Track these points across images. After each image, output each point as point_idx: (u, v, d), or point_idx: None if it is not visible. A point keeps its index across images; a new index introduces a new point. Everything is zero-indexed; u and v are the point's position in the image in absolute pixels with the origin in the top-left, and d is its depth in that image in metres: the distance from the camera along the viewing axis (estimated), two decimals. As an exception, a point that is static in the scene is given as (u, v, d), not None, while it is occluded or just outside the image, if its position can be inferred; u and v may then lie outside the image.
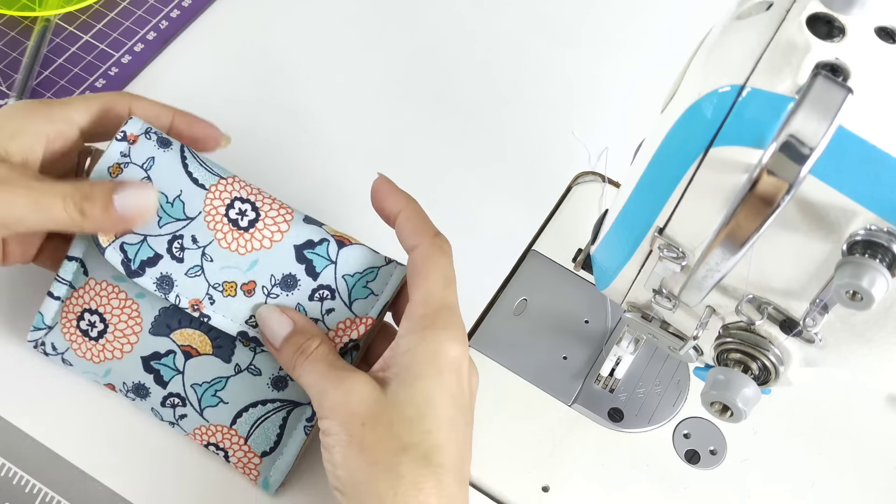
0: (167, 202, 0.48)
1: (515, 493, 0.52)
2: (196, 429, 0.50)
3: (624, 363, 0.54)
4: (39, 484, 0.50)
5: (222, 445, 0.50)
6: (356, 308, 0.48)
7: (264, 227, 0.48)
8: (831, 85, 0.31)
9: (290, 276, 0.48)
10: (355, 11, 0.72)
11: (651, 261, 0.42)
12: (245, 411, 0.49)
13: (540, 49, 0.71)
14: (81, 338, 0.51)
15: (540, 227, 0.62)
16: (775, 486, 0.53)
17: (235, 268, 0.48)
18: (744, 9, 0.37)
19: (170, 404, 0.50)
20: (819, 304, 0.38)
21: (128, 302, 0.50)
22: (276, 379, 0.49)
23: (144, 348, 0.50)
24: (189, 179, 0.49)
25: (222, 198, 0.48)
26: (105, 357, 0.50)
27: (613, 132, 0.65)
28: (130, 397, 0.51)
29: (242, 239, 0.48)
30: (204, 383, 0.49)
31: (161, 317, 0.50)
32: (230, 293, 0.48)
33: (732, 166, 0.35)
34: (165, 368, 0.50)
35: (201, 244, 0.48)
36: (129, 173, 0.48)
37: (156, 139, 0.49)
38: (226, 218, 0.48)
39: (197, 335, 0.49)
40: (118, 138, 0.49)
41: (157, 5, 0.70)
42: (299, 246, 0.48)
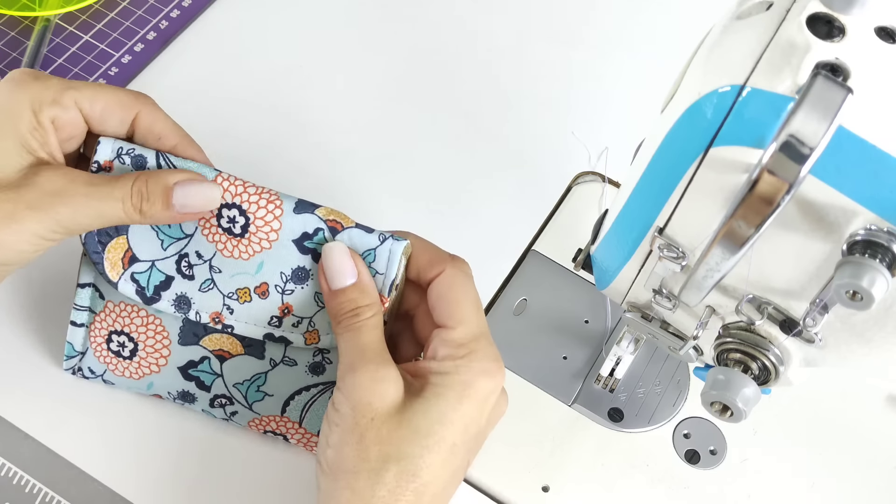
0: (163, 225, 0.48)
1: (515, 493, 0.52)
2: (250, 421, 0.51)
3: (624, 363, 0.54)
4: (39, 484, 0.50)
5: (279, 431, 0.51)
6: None
7: (257, 231, 0.47)
8: (831, 85, 0.31)
9: (300, 268, 0.47)
10: (355, 11, 0.72)
11: (651, 261, 0.42)
12: (292, 399, 0.50)
13: (540, 49, 0.71)
14: (115, 358, 0.51)
15: (540, 227, 0.62)
16: (775, 486, 0.53)
17: (244, 273, 0.48)
18: (744, 9, 0.37)
19: (219, 404, 0.51)
20: (819, 304, 0.38)
21: (150, 318, 0.50)
22: (312, 365, 0.49)
23: (179, 359, 0.50)
24: None
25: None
26: (143, 373, 0.51)
27: (613, 132, 0.65)
28: (179, 403, 0.52)
29: (242, 245, 0.47)
30: (245, 381, 0.50)
31: (186, 327, 0.50)
32: (246, 299, 0.48)
33: (732, 166, 0.35)
34: (204, 374, 0.50)
35: (206, 258, 0.48)
36: None
37: (130, 161, 0.47)
38: (220, 228, 0.47)
39: (225, 338, 0.49)
40: (93, 170, 0.47)
41: (157, 5, 0.70)
42: (297, 239, 0.47)
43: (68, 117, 0.46)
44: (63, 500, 0.50)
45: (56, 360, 0.54)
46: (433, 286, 0.46)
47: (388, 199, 0.62)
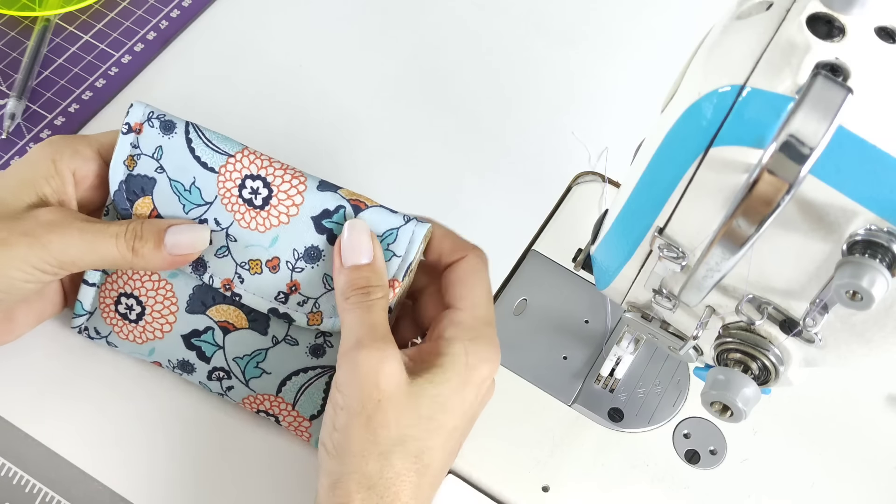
0: (185, 190, 0.49)
1: (515, 493, 0.52)
2: (244, 398, 0.51)
3: (624, 363, 0.54)
4: (39, 484, 0.50)
5: (272, 412, 0.51)
6: None
7: (279, 203, 0.48)
8: (831, 85, 0.31)
9: (313, 247, 0.48)
10: (355, 11, 0.72)
11: (651, 261, 0.42)
12: (288, 379, 0.50)
13: (540, 49, 0.71)
14: (122, 321, 0.52)
15: (540, 227, 0.62)
16: (775, 486, 0.53)
17: (258, 245, 0.48)
18: (744, 9, 0.37)
19: (216, 377, 0.51)
20: (819, 304, 0.38)
21: (161, 283, 0.51)
22: (313, 347, 0.50)
23: (183, 327, 0.51)
24: (198, 164, 0.49)
25: (233, 178, 0.49)
26: (147, 338, 0.52)
27: (613, 132, 0.65)
28: (178, 372, 0.52)
29: (260, 217, 0.48)
30: (245, 356, 0.51)
31: (195, 294, 0.51)
32: (256, 271, 0.49)
33: (732, 166, 0.35)
34: (206, 344, 0.51)
35: (224, 226, 0.49)
36: (143, 165, 0.49)
37: (159, 125, 0.49)
38: (240, 199, 0.48)
39: (232, 310, 0.50)
40: (124, 131, 0.49)
41: (157, 5, 0.70)
42: (317, 217, 0.48)
43: (88, 168, 0.49)
44: (63, 500, 0.50)
45: (56, 360, 0.54)
46: (451, 269, 0.48)
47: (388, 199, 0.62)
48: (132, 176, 0.49)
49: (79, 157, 0.49)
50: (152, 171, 0.49)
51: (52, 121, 0.64)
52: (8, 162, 0.62)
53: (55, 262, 0.45)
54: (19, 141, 0.63)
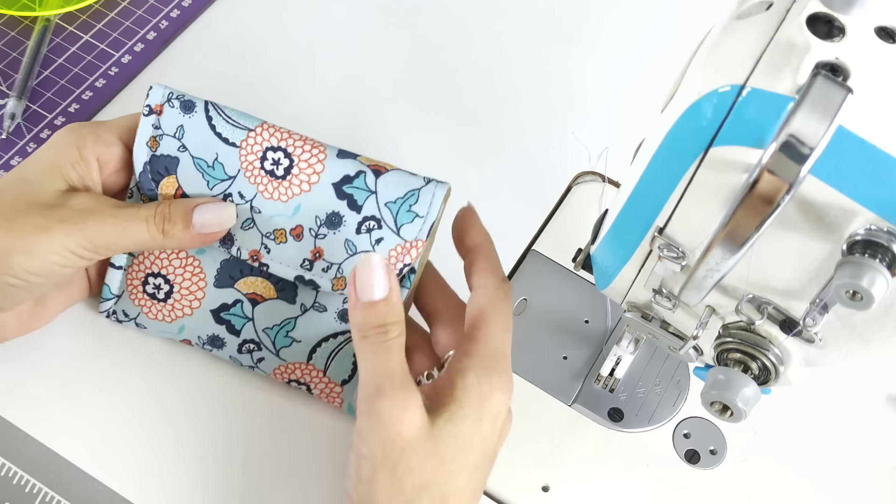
0: (208, 166, 0.50)
1: (515, 493, 0.52)
2: (275, 369, 0.52)
3: (624, 363, 0.54)
4: (39, 484, 0.50)
5: (303, 380, 0.52)
6: (404, 233, 0.49)
7: (300, 172, 0.50)
8: (831, 85, 0.31)
9: (335, 213, 0.49)
10: (356, 11, 0.72)
11: (651, 261, 0.42)
12: (318, 346, 0.51)
13: (540, 49, 0.71)
14: (150, 301, 0.53)
15: (540, 227, 0.62)
16: (775, 486, 0.53)
17: (281, 215, 0.50)
18: (744, 9, 0.37)
19: (246, 350, 0.52)
20: (819, 304, 0.38)
21: (189, 260, 0.52)
22: (341, 312, 0.51)
23: (212, 302, 0.52)
24: (220, 140, 0.50)
25: (254, 151, 0.50)
26: (176, 315, 0.52)
27: (613, 132, 0.65)
28: (207, 349, 0.53)
29: (282, 187, 0.50)
30: (274, 326, 0.51)
31: (223, 269, 0.52)
32: (281, 240, 0.50)
33: (732, 166, 0.35)
34: (235, 318, 0.52)
35: (248, 198, 0.50)
36: (165, 145, 0.50)
37: (179, 105, 0.51)
38: (262, 170, 0.50)
39: (259, 282, 0.51)
40: (145, 113, 0.51)
41: (157, 5, 0.70)
42: (337, 183, 0.49)
43: (111, 154, 0.50)
44: (63, 500, 0.50)
45: (56, 360, 0.54)
46: (476, 296, 0.47)
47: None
48: (155, 156, 0.50)
49: (102, 142, 0.50)
50: (175, 151, 0.50)
51: (52, 121, 0.64)
52: (8, 162, 0.62)
53: (91, 247, 0.47)
54: (19, 141, 0.63)
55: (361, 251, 0.49)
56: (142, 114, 0.50)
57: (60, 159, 0.49)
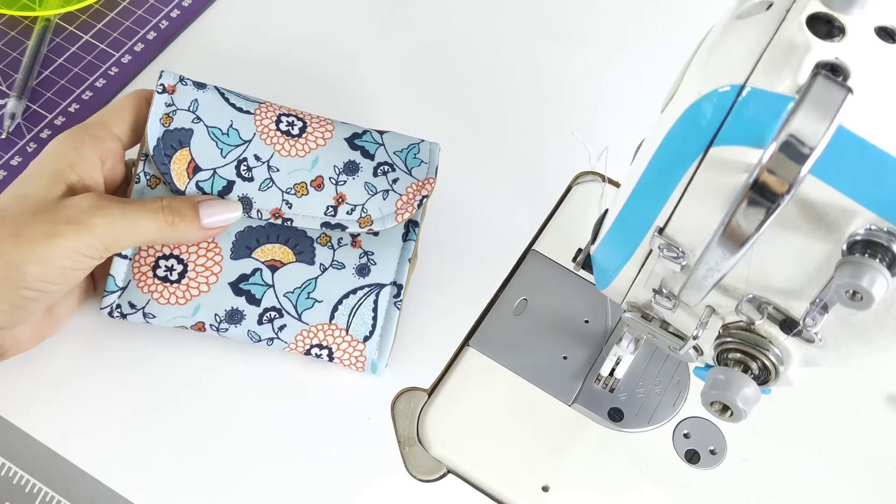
0: (223, 133, 0.53)
1: (515, 493, 0.52)
2: (297, 335, 0.53)
3: (624, 363, 0.54)
4: (39, 484, 0.50)
5: (325, 343, 0.53)
6: (416, 174, 0.55)
7: (314, 131, 0.54)
8: (831, 85, 0.31)
9: (351, 161, 0.54)
10: (356, 12, 0.72)
11: (651, 261, 0.42)
12: (339, 304, 0.53)
13: (540, 49, 0.71)
14: (161, 285, 0.52)
15: (540, 227, 0.62)
16: (775, 486, 0.53)
17: (300, 169, 0.53)
18: (744, 9, 0.37)
19: (267, 319, 0.52)
20: (819, 304, 0.38)
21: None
22: (359, 267, 0.53)
23: (230, 274, 0.53)
24: (234, 109, 0.54)
25: (269, 116, 0.54)
26: (192, 295, 0.52)
27: (613, 132, 0.65)
28: (224, 328, 0.52)
29: (298, 144, 0.54)
30: (296, 290, 0.53)
31: (238, 241, 0.53)
32: (303, 192, 0.53)
33: (732, 166, 0.35)
34: (255, 286, 0.53)
35: (264, 159, 0.53)
36: (179, 119, 0.53)
37: (192, 84, 0.54)
38: (278, 131, 0.54)
39: (277, 248, 0.53)
40: (158, 91, 0.53)
41: (157, 5, 0.70)
42: (348, 138, 0.55)
43: (109, 150, 0.51)
44: (63, 500, 0.50)
45: (56, 360, 0.54)
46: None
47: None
48: (168, 132, 0.52)
49: (99, 140, 0.50)
50: (189, 123, 0.53)
51: (52, 121, 0.64)
52: (8, 162, 0.62)
53: (101, 246, 0.47)
54: (19, 141, 0.63)
55: (381, 190, 0.54)
56: (155, 91, 0.52)
57: (58, 165, 0.49)
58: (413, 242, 0.55)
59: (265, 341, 0.53)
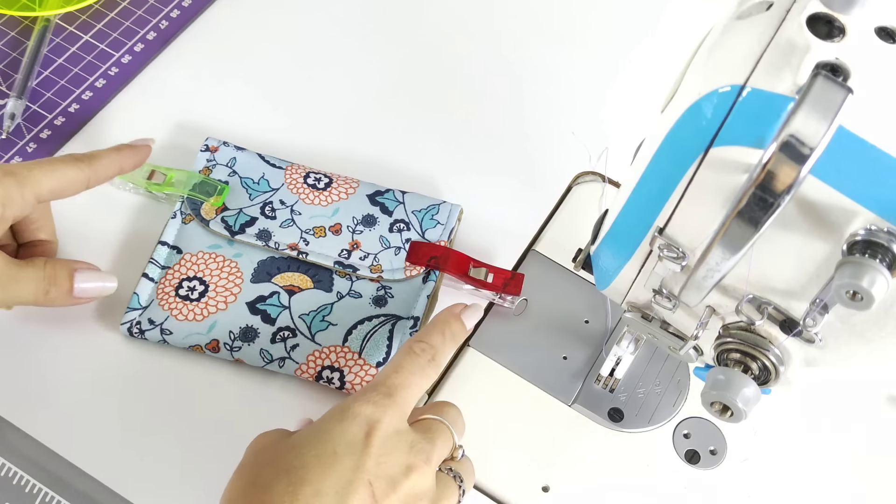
0: (254, 182, 0.59)
1: (515, 493, 0.52)
2: (309, 356, 0.53)
3: (624, 363, 0.54)
4: (39, 484, 0.50)
5: (337, 365, 0.53)
6: (429, 236, 0.58)
7: (338, 187, 0.59)
8: (831, 85, 0.31)
9: (369, 215, 0.58)
10: (355, 11, 0.72)
11: (651, 261, 0.42)
12: (354, 328, 0.54)
13: (540, 49, 0.71)
14: (182, 303, 0.54)
15: (540, 227, 0.62)
16: (775, 486, 0.53)
17: (321, 216, 0.58)
18: (744, 9, 0.37)
19: (280, 339, 0.53)
20: (819, 304, 0.38)
21: (226, 262, 0.55)
22: (376, 298, 0.55)
23: (248, 295, 0.55)
24: (268, 164, 0.60)
25: (298, 172, 0.59)
26: (209, 312, 0.54)
27: (613, 132, 0.65)
28: (237, 346, 0.53)
29: (322, 196, 0.58)
30: (311, 312, 0.54)
31: (260, 267, 0.55)
32: (321, 234, 0.57)
33: (732, 166, 0.35)
34: (272, 307, 0.54)
35: (289, 204, 0.58)
36: (216, 173, 0.59)
37: (232, 146, 0.60)
38: (305, 184, 0.59)
39: (297, 276, 0.55)
40: (202, 150, 0.60)
41: (157, 5, 0.70)
42: (371, 195, 0.59)
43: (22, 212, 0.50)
44: (63, 500, 0.50)
45: (56, 360, 0.54)
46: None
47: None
48: (206, 181, 0.58)
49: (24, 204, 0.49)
50: (225, 176, 0.59)
51: (52, 121, 0.64)
52: (8, 162, 0.61)
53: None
54: (19, 141, 0.63)
55: (394, 246, 0.57)
56: (200, 150, 0.60)
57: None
58: (433, 283, 0.56)
59: (277, 362, 0.53)
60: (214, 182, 0.58)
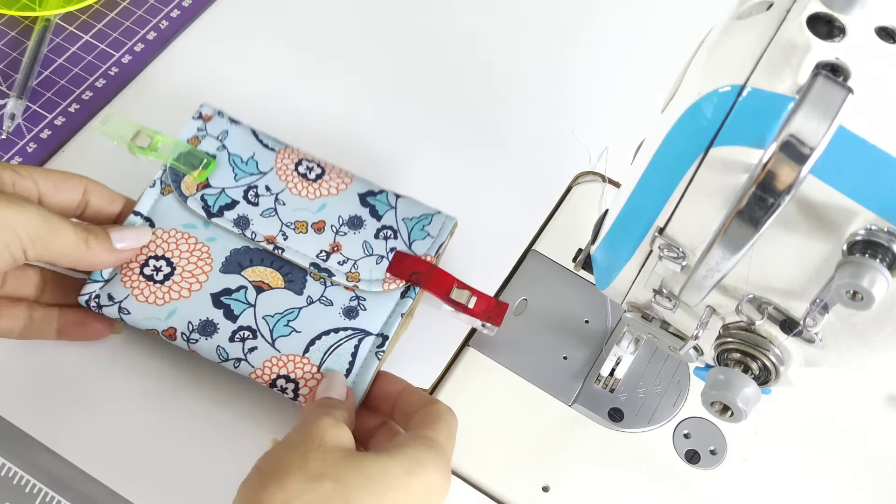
0: (242, 162, 0.55)
1: (515, 493, 0.52)
2: (266, 361, 0.50)
3: (624, 363, 0.54)
4: (39, 484, 0.50)
5: (293, 376, 0.50)
6: (416, 248, 0.54)
7: (330, 180, 0.55)
8: (831, 85, 0.31)
9: (357, 217, 0.54)
10: (355, 11, 0.72)
11: (651, 261, 0.42)
12: (318, 339, 0.51)
13: (540, 49, 0.71)
14: (144, 283, 0.51)
15: (540, 227, 0.62)
16: (775, 486, 0.53)
17: (306, 210, 0.54)
18: (744, 9, 0.37)
19: (239, 338, 0.51)
20: (819, 304, 0.38)
21: (198, 245, 0.52)
22: (347, 309, 0.52)
23: (214, 286, 0.52)
24: (261, 144, 0.56)
25: (291, 157, 0.56)
26: (171, 298, 0.51)
27: (613, 132, 0.65)
28: (193, 339, 0.50)
29: (311, 188, 0.55)
30: (276, 314, 0.51)
31: (232, 256, 0.52)
32: (302, 230, 0.53)
33: (732, 166, 0.35)
34: (236, 303, 0.51)
35: (274, 192, 0.54)
36: (205, 144, 0.55)
37: (227, 118, 0.56)
38: (295, 172, 0.55)
39: (269, 272, 0.52)
40: (194, 117, 0.56)
41: (157, 5, 0.70)
42: (363, 194, 0.55)
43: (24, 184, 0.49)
44: (63, 500, 0.50)
45: (56, 360, 0.54)
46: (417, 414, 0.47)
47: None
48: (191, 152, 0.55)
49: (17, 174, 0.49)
50: (214, 149, 0.55)
51: (52, 121, 0.64)
52: (8, 162, 0.61)
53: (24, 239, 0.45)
54: (19, 141, 0.63)
55: (377, 254, 0.53)
56: (191, 117, 0.56)
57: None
58: (411, 300, 0.53)
59: (232, 361, 0.50)
60: (201, 154, 0.54)
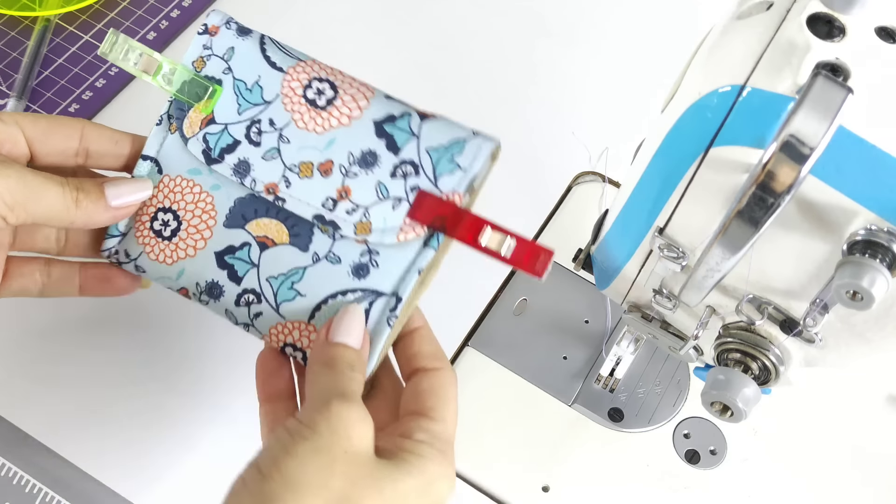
0: (246, 88, 0.48)
1: (515, 493, 0.52)
2: (272, 328, 0.47)
3: (624, 363, 0.54)
4: (39, 484, 0.50)
5: (299, 345, 0.46)
6: (442, 184, 0.45)
7: (342, 105, 0.47)
8: (831, 85, 0.31)
9: (370, 152, 0.46)
10: (356, 12, 0.72)
11: (651, 261, 0.42)
12: (324, 303, 0.46)
13: (540, 49, 0.71)
14: (154, 239, 0.49)
15: (540, 227, 0.62)
16: (775, 486, 0.53)
17: (312, 148, 0.47)
18: (744, 9, 0.37)
19: (244, 302, 0.47)
20: (819, 304, 0.38)
21: (202, 195, 0.49)
22: (357, 266, 0.46)
23: (218, 243, 0.48)
24: (267, 64, 0.48)
25: (300, 79, 0.48)
26: (178, 257, 0.49)
27: (613, 132, 0.65)
28: (204, 300, 0.48)
29: (320, 118, 0.47)
30: (280, 276, 0.47)
31: (236, 207, 0.48)
32: (306, 174, 0.47)
33: (732, 166, 0.35)
34: (240, 262, 0.48)
35: (278, 126, 0.47)
36: (211, 66, 0.49)
37: (235, 28, 0.49)
38: (303, 98, 0.47)
39: (273, 224, 0.47)
40: (200, 32, 0.49)
41: (157, 5, 0.70)
42: (379, 121, 0.46)
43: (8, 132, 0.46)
44: (63, 500, 0.50)
45: (55, 359, 0.54)
46: (425, 376, 0.45)
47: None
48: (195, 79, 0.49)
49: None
50: (220, 73, 0.48)
51: (52, 121, 0.64)
52: (8, 162, 0.62)
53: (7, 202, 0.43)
54: (19, 141, 0.63)
55: (393, 197, 0.45)
56: (197, 32, 0.49)
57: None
58: (433, 251, 0.45)
59: (241, 326, 0.48)
60: (205, 81, 0.49)
